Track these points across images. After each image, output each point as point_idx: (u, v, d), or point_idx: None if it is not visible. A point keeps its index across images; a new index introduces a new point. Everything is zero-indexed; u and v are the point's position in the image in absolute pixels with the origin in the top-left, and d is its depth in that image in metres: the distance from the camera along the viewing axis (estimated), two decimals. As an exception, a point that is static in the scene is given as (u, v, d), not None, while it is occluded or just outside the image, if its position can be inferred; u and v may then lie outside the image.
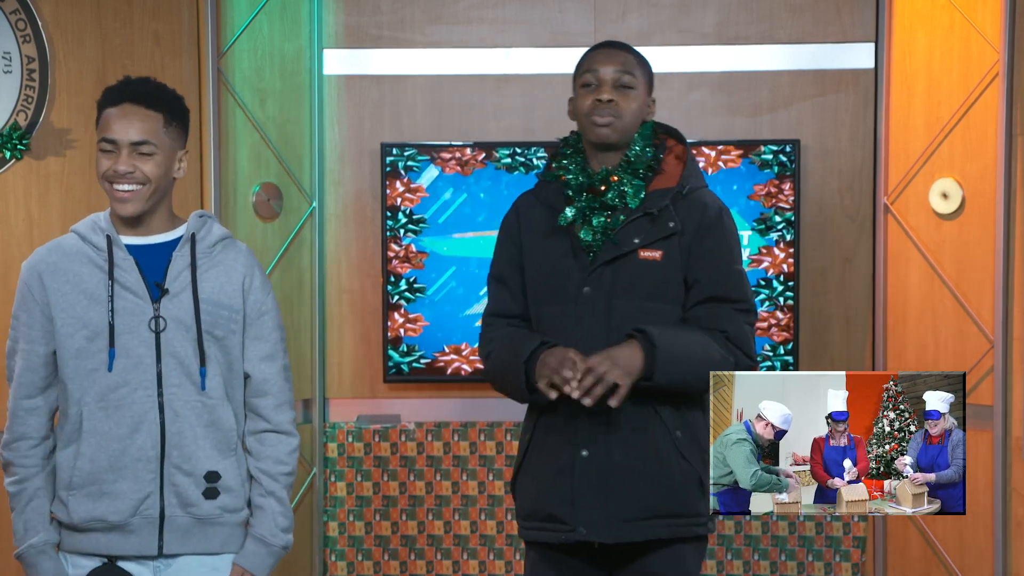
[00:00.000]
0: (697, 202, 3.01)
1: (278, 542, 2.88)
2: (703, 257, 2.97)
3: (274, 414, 2.91)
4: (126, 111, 2.76)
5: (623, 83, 3.01)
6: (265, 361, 2.90)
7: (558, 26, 4.71)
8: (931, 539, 4.50)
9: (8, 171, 4.11)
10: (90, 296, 2.76)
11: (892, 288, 4.59)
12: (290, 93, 4.68)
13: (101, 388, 2.76)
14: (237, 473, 2.85)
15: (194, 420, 2.79)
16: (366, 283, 4.73)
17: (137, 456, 2.76)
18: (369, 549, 4.74)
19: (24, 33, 4.13)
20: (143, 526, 2.78)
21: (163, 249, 2.82)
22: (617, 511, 2.93)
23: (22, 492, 2.81)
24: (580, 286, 2.96)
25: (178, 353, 2.78)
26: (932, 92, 4.48)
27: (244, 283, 2.87)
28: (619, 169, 2.99)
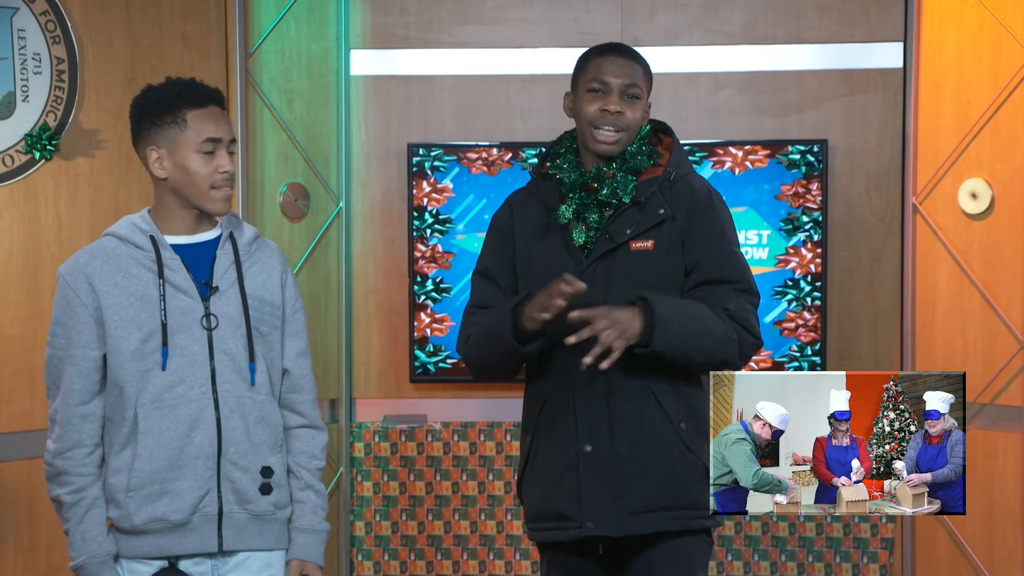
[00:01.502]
0: (685, 187, 3.00)
1: (324, 528, 2.93)
2: (697, 241, 2.96)
3: (310, 409, 2.95)
4: (215, 113, 2.80)
5: (630, 94, 2.99)
6: (301, 357, 2.94)
7: (585, 26, 4.70)
8: (959, 541, 4.47)
9: (38, 171, 4.13)
10: (140, 297, 2.77)
11: (920, 288, 4.56)
12: (317, 93, 4.69)
13: (156, 388, 2.75)
14: (283, 469, 2.89)
15: (247, 416, 2.81)
16: (392, 283, 4.74)
17: (196, 454, 2.76)
18: (396, 549, 4.74)
19: (54, 34, 4.15)
20: (202, 524, 2.78)
21: (205, 248, 2.84)
22: (623, 504, 2.92)
23: (80, 502, 2.77)
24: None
25: (230, 350, 2.80)
26: (961, 92, 4.45)
27: (282, 279, 2.92)
28: (613, 166, 2.98)
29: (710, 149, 4.55)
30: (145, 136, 2.80)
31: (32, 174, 4.13)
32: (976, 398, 4.41)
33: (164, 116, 2.78)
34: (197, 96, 2.80)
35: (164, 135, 2.78)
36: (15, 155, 4.09)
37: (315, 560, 2.91)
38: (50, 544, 4.20)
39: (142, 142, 2.81)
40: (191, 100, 2.78)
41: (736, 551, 4.64)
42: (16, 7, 4.08)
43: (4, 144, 4.07)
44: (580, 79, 3.06)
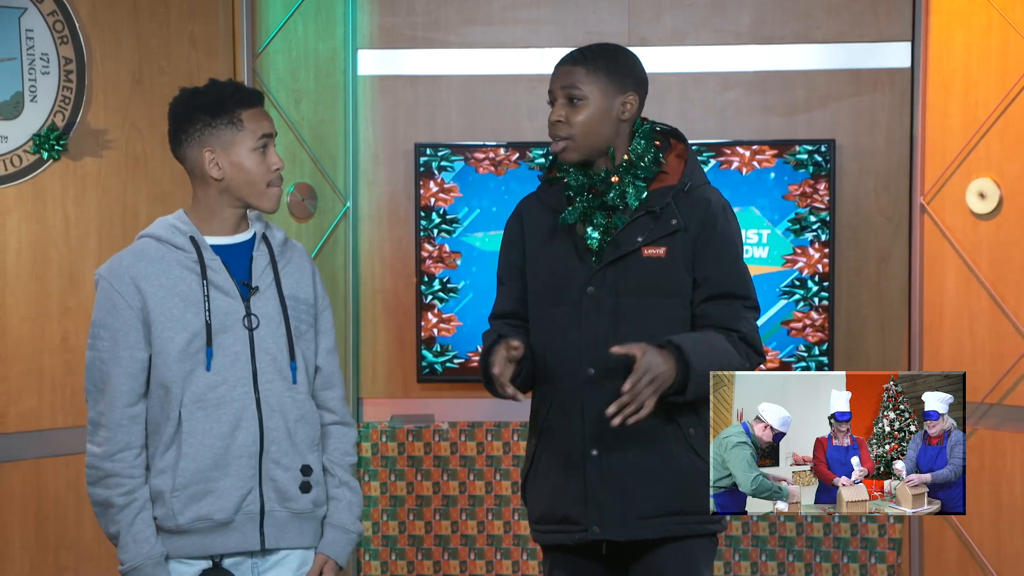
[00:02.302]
0: (700, 199, 2.98)
1: (356, 528, 2.94)
2: (709, 253, 2.95)
3: (340, 406, 2.98)
4: (263, 112, 2.84)
5: (571, 95, 2.96)
6: (331, 354, 2.99)
7: (592, 26, 4.70)
8: (967, 541, 4.47)
9: (45, 171, 4.14)
10: (184, 298, 2.78)
11: (928, 289, 4.56)
12: (325, 93, 4.70)
13: (199, 388, 2.77)
14: (320, 467, 2.91)
15: (287, 415, 2.83)
16: (400, 283, 4.74)
17: (239, 453, 2.78)
18: (403, 548, 4.74)
19: (62, 35, 4.16)
20: (245, 522, 2.80)
21: (242, 248, 2.87)
22: (629, 509, 2.91)
23: (132, 503, 2.76)
24: (584, 286, 2.94)
25: (270, 349, 2.82)
26: (969, 91, 4.44)
27: (312, 279, 2.96)
28: (620, 170, 2.97)
29: (717, 149, 4.55)
30: (198, 138, 2.80)
31: (40, 174, 4.13)
32: (984, 398, 4.40)
33: (219, 116, 2.79)
34: (248, 96, 2.83)
35: (219, 136, 2.79)
36: (23, 155, 4.10)
37: (339, 559, 2.92)
38: (57, 544, 4.20)
39: (194, 144, 2.81)
40: (243, 100, 2.81)
41: (743, 551, 4.64)
42: (24, 7, 4.08)
43: (12, 144, 4.08)
44: None
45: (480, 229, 4.62)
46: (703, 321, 2.96)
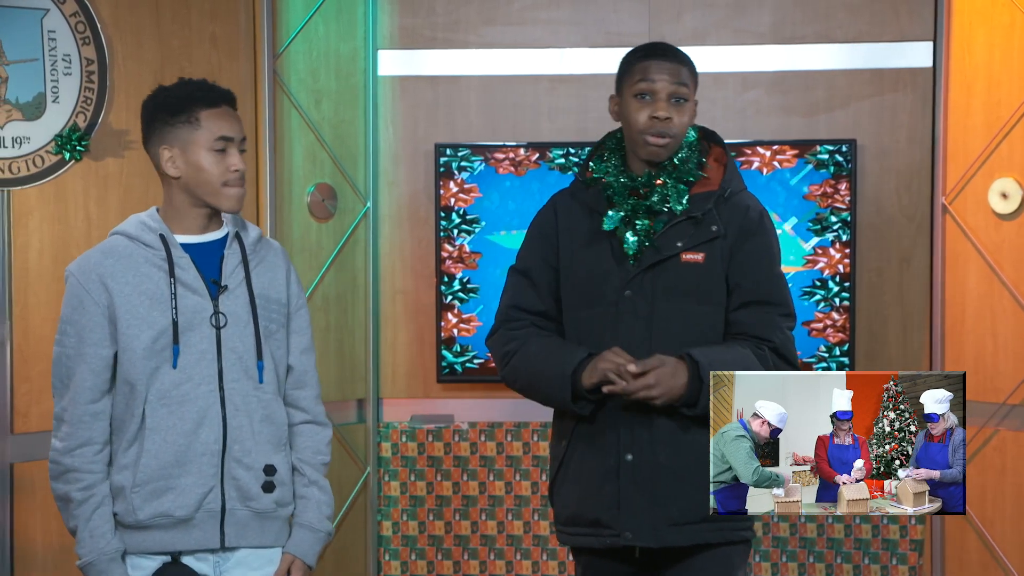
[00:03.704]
0: (738, 205, 2.97)
1: (324, 528, 2.94)
2: (746, 260, 2.94)
3: (313, 405, 2.97)
4: (227, 112, 2.83)
5: (678, 95, 2.93)
6: (305, 353, 2.97)
7: (612, 26, 4.70)
8: (989, 542, 4.45)
9: (67, 172, 4.15)
10: (151, 296, 2.79)
11: (950, 289, 4.54)
12: (345, 94, 4.70)
13: (164, 385, 2.78)
14: (287, 467, 2.90)
15: (252, 414, 2.84)
16: (420, 283, 4.74)
17: (201, 450, 2.79)
18: (423, 549, 4.75)
19: (84, 35, 4.17)
20: (206, 520, 2.80)
21: (213, 247, 2.87)
22: (663, 515, 2.90)
23: (90, 499, 2.79)
24: (621, 290, 2.93)
25: (237, 348, 2.83)
26: (992, 91, 4.43)
27: (286, 278, 2.95)
28: (664, 173, 2.95)
29: (738, 149, 4.54)
30: (158, 135, 2.84)
31: (62, 175, 4.15)
32: (1007, 399, 4.38)
33: (178, 115, 2.81)
34: (210, 96, 2.83)
35: (177, 134, 2.81)
36: (45, 156, 4.11)
37: (306, 559, 2.91)
38: (79, 542, 4.22)
39: (154, 141, 2.84)
40: (204, 100, 2.81)
41: (764, 552, 4.63)
42: (46, 8, 4.10)
43: (34, 145, 4.10)
44: (625, 83, 3.00)
45: (500, 229, 4.62)
46: (735, 329, 2.95)
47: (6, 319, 4.07)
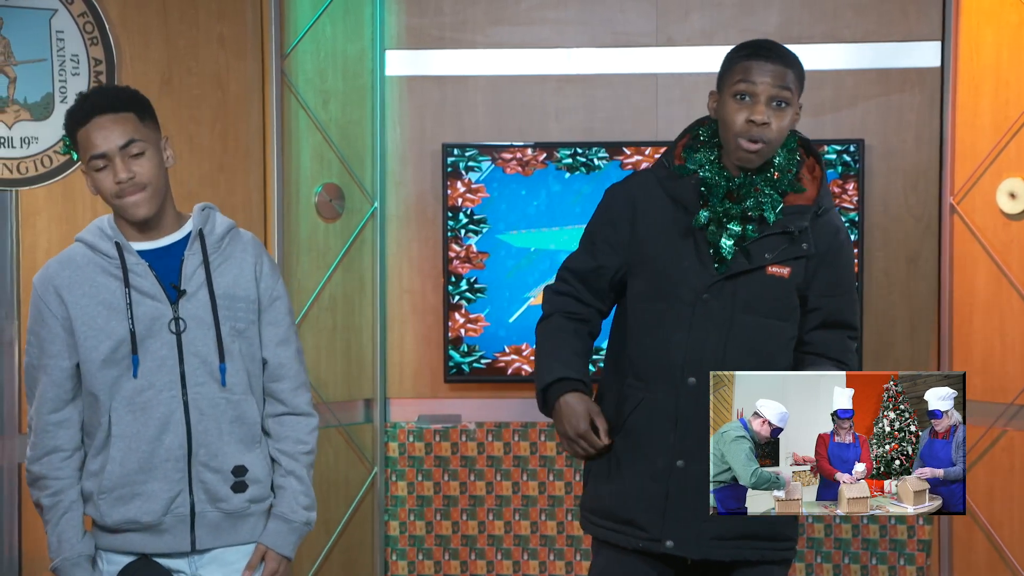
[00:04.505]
0: (829, 225, 2.91)
1: (299, 519, 2.91)
2: (830, 282, 2.90)
3: (291, 397, 2.94)
4: (99, 123, 2.75)
5: (779, 98, 2.83)
6: (281, 346, 2.93)
7: (620, 26, 4.70)
8: (997, 543, 4.44)
9: (75, 172, 4.16)
10: (109, 306, 2.78)
11: (958, 289, 4.53)
12: (352, 94, 4.71)
13: (128, 393, 2.78)
14: (263, 464, 2.89)
15: (219, 417, 2.82)
16: (427, 283, 4.75)
17: (166, 456, 2.79)
18: (430, 548, 4.75)
19: (92, 36, 4.18)
20: (175, 524, 2.81)
21: (174, 250, 2.85)
22: (708, 528, 2.84)
23: (57, 505, 2.82)
24: (700, 292, 2.85)
25: (200, 352, 2.81)
26: (1000, 90, 4.42)
27: (256, 272, 2.90)
28: (762, 180, 2.86)
29: (745, 149, 4.53)
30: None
31: (70, 175, 4.15)
32: (1015, 399, 4.37)
33: (71, 141, 2.80)
34: (80, 112, 2.78)
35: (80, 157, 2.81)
36: (53, 156, 4.12)
37: (280, 550, 2.89)
38: (87, 542, 4.22)
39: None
40: (77, 119, 2.78)
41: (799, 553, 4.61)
42: (55, 9, 4.11)
43: (42, 145, 4.10)
44: (726, 81, 2.88)
45: (508, 229, 4.62)
46: (812, 348, 2.92)
47: (14, 319, 4.07)
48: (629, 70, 4.68)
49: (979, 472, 4.44)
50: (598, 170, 4.57)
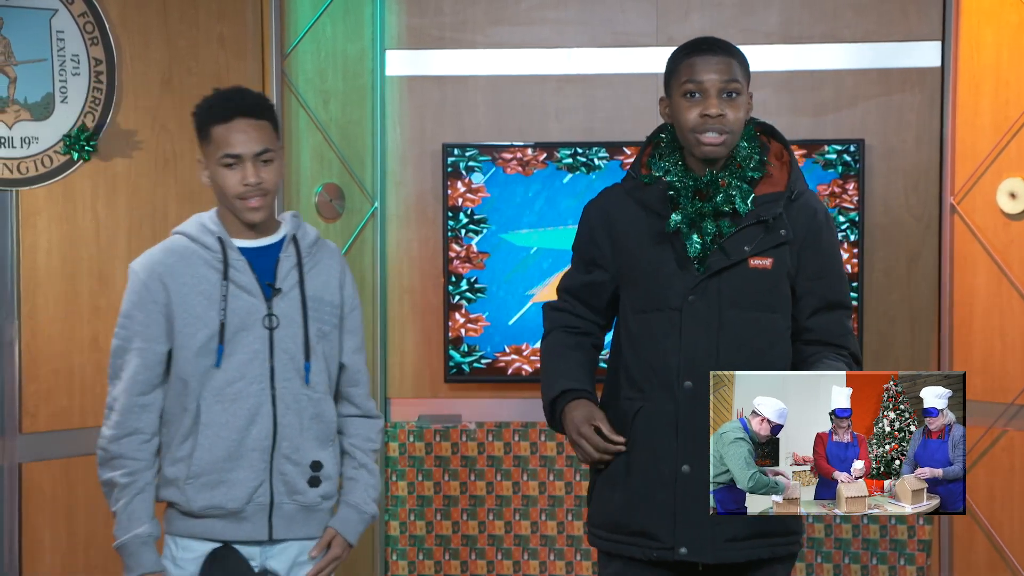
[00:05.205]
0: (805, 207, 2.89)
1: (369, 509, 3.05)
2: (818, 263, 2.88)
3: (365, 401, 3.09)
4: (241, 126, 2.86)
5: (729, 90, 2.82)
6: (357, 353, 3.09)
7: (620, 26, 4.70)
8: (998, 543, 4.44)
9: (75, 172, 4.16)
10: (208, 296, 2.88)
11: (958, 289, 4.53)
12: (353, 94, 4.71)
13: (218, 383, 2.87)
14: (335, 462, 3.02)
15: (301, 412, 2.94)
16: (427, 283, 4.75)
17: (252, 446, 2.89)
18: (430, 548, 4.75)
19: (92, 36, 4.18)
20: (255, 513, 2.91)
21: (270, 250, 2.95)
22: (720, 531, 2.81)
23: (132, 484, 2.88)
24: (685, 295, 2.84)
25: (289, 349, 2.92)
26: (1000, 90, 4.42)
27: (340, 280, 3.04)
28: (727, 173, 2.85)
29: (746, 149, 4.53)
30: (199, 147, 2.93)
31: (70, 175, 4.15)
32: (1015, 399, 4.37)
33: (201, 130, 2.90)
34: (223, 110, 2.87)
35: (203, 147, 2.91)
36: (53, 156, 4.12)
37: (348, 536, 3.02)
38: (87, 542, 4.22)
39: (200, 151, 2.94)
40: (217, 115, 2.87)
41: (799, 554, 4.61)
42: (55, 9, 4.11)
43: (43, 145, 4.11)
44: (673, 83, 2.88)
45: (508, 229, 4.62)
46: (811, 336, 2.90)
47: (15, 319, 4.07)
48: (629, 70, 4.68)
49: (979, 472, 4.45)
50: (598, 170, 4.57)
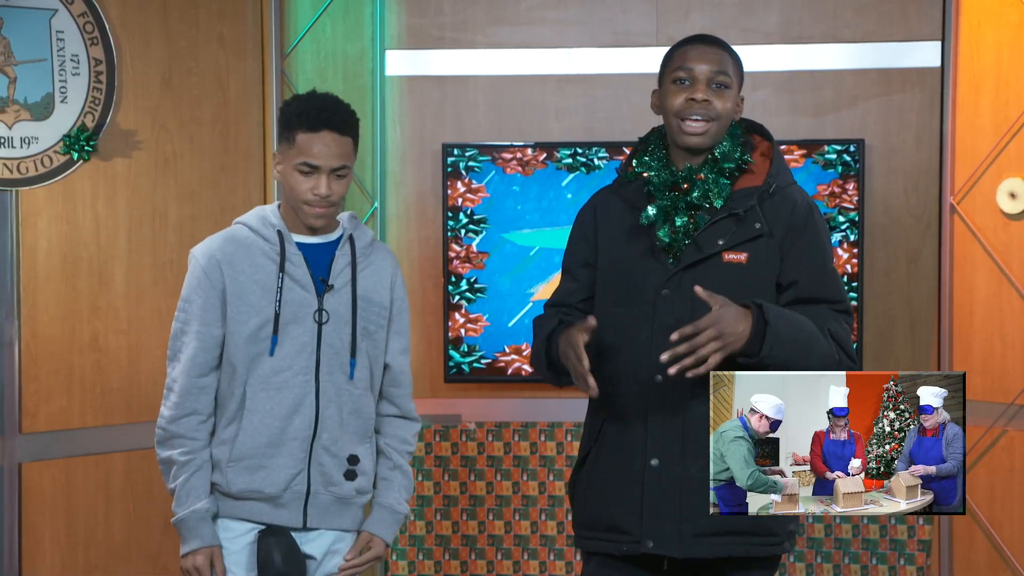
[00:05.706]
0: (786, 200, 2.87)
1: (403, 510, 3.15)
2: (797, 257, 2.84)
3: (405, 402, 3.20)
4: (326, 139, 2.95)
5: (718, 82, 2.83)
6: (403, 355, 3.19)
7: (620, 26, 4.70)
8: (998, 543, 4.44)
9: (76, 172, 4.16)
10: (262, 286, 2.99)
11: (958, 289, 4.53)
12: (352, 94, 4.70)
13: (265, 371, 2.97)
14: (371, 458, 3.12)
15: (342, 407, 3.03)
16: (427, 283, 4.75)
17: (294, 435, 2.99)
18: (430, 548, 4.75)
19: (92, 36, 4.18)
20: (291, 500, 3.01)
21: (326, 248, 3.05)
22: (688, 525, 2.81)
23: (191, 461, 2.98)
24: (659, 289, 2.83)
25: (335, 344, 3.02)
26: (1000, 90, 4.42)
27: (391, 282, 3.14)
28: (705, 167, 2.85)
29: (746, 149, 4.53)
30: (279, 140, 3.03)
31: (70, 175, 4.16)
32: (1015, 399, 4.37)
33: (285, 130, 2.99)
34: (314, 120, 2.96)
35: (281, 145, 3.02)
36: (53, 156, 4.12)
37: (385, 538, 3.11)
38: (87, 542, 4.23)
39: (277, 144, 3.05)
40: (306, 123, 2.95)
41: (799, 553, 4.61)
42: (55, 9, 4.11)
43: (43, 145, 4.11)
44: (665, 72, 2.91)
45: (508, 229, 4.62)
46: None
47: (14, 319, 4.08)
48: (629, 70, 4.68)
49: (979, 472, 4.45)
50: (598, 170, 4.57)
